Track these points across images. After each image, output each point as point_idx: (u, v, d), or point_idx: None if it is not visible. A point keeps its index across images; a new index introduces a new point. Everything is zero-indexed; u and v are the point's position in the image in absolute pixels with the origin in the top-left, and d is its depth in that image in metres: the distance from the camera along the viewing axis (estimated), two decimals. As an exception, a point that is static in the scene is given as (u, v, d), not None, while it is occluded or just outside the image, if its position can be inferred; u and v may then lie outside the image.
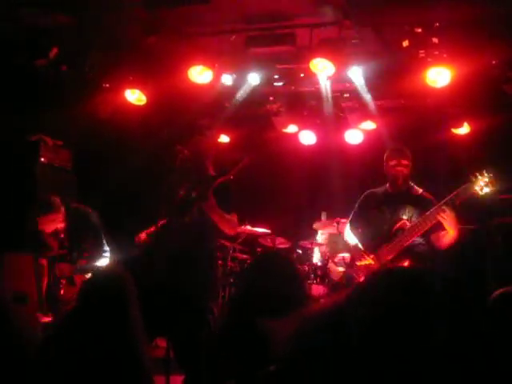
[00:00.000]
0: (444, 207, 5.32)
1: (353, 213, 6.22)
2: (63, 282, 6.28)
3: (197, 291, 5.53)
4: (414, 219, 5.64)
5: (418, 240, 5.61)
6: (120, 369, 2.64)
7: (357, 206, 6.20)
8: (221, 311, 7.57)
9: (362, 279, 5.71)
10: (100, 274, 3.11)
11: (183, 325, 5.37)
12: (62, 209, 6.40)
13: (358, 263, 5.80)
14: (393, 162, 5.83)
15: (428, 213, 5.45)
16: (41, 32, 7.24)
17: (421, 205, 5.70)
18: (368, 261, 5.73)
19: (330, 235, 8.58)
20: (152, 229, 5.77)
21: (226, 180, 5.67)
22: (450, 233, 5.38)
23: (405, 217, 5.70)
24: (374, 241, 5.79)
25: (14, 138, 7.63)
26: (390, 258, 5.60)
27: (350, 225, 6.17)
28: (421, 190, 5.87)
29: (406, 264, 5.57)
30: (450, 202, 5.35)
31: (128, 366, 2.67)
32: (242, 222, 8.06)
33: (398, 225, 5.67)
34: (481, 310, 1.26)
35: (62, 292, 6.25)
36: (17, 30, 7.12)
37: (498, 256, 7.10)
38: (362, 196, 6.18)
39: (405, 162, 5.80)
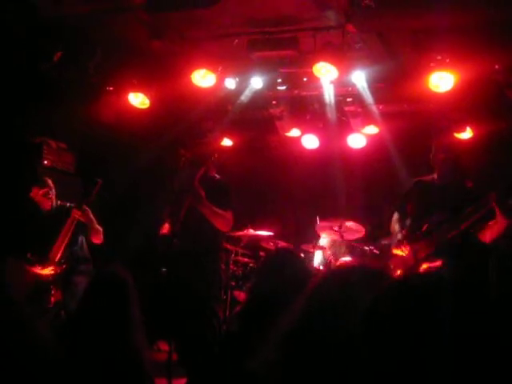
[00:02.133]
0: (504, 197, 5.11)
1: (399, 201, 6.12)
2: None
3: (202, 288, 5.55)
4: (457, 213, 5.45)
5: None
6: (120, 370, 2.65)
7: (404, 194, 6.13)
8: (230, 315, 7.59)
9: (394, 269, 5.66)
10: (101, 275, 3.12)
11: (188, 327, 5.40)
12: (54, 190, 6.51)
13: (394, 250, 5.73)
14: (440, 156, 5.77)
15: (479, 201, 5.28)
16: (45, 35, 7.26)
17: (468, 198, 5.52)
18: (404, 252, 5.63)
19: (333, 239, 8.58)
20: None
21: (218, 179, 5.71)
22: (499, 224, 5.18)
23: (448, 211, 5.55)
24: (415, 232, 5.68)
25: (18, 141, 7.64)
26: (424, 254, 5.50)
27: (398, 213, 6.05)
28: (471, 184, 5.76)
29: (437, 264, 5.44)
30: (506, 192, 5.14)
31: (128, 367, 2.68)
32: (244, 225, 8.07)
33: (440, 219, 5.55)
34: (486, 314, 1.28)
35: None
36: (22, 32, 7.14)
37: (501, 265, 7.08)
38: (411, 184, 6.07)
39: (451, 155, 5.75)
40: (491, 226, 5.28)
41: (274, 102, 8.50)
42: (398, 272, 5.70)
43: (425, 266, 5.48)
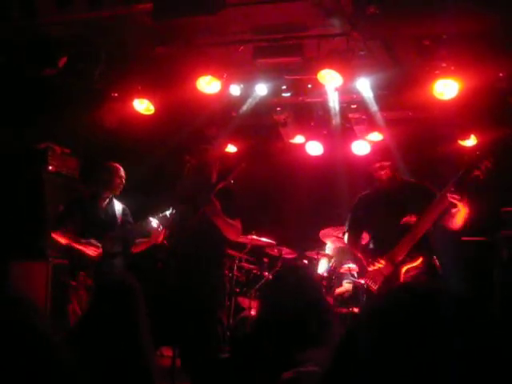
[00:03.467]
0: (453, 188, 5.20)
1: (349, 219, 6.11)
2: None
3: (207, 294, 5.56)
4: (418, 210, 5.51)
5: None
6: (127, 376, 2.66)
7: (352, 211, 6.12)
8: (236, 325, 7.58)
9: (376, 286, 5.66)
10: (109, 281, 3.13)
11: (191, 333, 5.40)
12: None
13: (371, 268, 5.64)
14: (376, 165, 5.80)
15: (437, 198, 5.38)
16: (50, 41, 7.29)
17: (419, 194, 5.64)
18: (380, 264, 5.57)
19: (337, 246, 8.57)
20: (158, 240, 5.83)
21: (226, 185, 5.71)
22: (462, 211, 5.27)
23: (408, 211, 5.59)
24: (381, 243, 5.68)
25: (23, 146, 7.66)
26: (401, 258, 5.49)
27: (350, 232, 6.04)
28: (412, 180, 5.87)
29: (419, 261, 5.47)
30: (458, 181, 5.22)
31: (135, 372, 2.68)
32: (248, 232, 8.07)
33: (402, 221, 5.58)
34: (489, 325, 1.26)
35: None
36: (26, 38, 7.17)
37: (505, 268, 7.08)
38: (356, 200, 6.13)
39: (384, 164, 5.76)
40: (455, 214, 5.34)
41: (278, 109, 8.51)
42: (377, 286, 5.64)
43: (405, 267, 5.49)
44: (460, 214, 5.32)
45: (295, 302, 2.98)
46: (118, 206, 6.81)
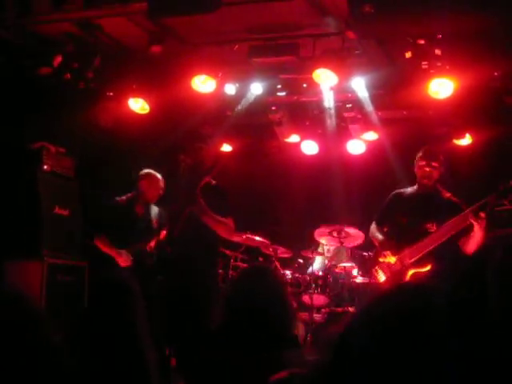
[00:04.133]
0: (478, 211, 5.28)
1: (379, 212, 6.18)
2: None
3: (200, 294, 5.55)
4: (440, 222, 5.57)
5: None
6: (126, 377, 2.65)
7: (384, 205, 6.16)
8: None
9: (383, 278, 5.74)
10: (106, 281, 3.11)
11: (185, 332, 5.39)
12: None
13: (381, 259, 5.80)
14: (422, 163, 5.81)
15: (460, 215, 5.43)
16: (45, 40, 7.27)
17: (448, 208, 5.67)
18: (391, 259, 5.70)
19: (333, 245, 8.57)
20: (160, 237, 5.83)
21: (215, 184, 5.70)
22: (477, 234, 5.32)
23: (431, 219, 5.65)
24: (399, 242, 5.76)
25: (17, 146, 7.64)
26: (412, 260, 5.58)
27: (376, 224, 6.12)
28: (449, 194, 5.84)
29: (428, 268, 5.53)
30: (484, 206, 5.32)
31: (134, 374, 2.68)
32: (243, 230, 8.06)
33: (424, 227, 5.64)
34: (484, 327, 1.26)
35: None
36: (21, 37, 7.15)
37: (499, 267, 7.09)
38: (390, 195, 6.14)
39: (435, 163, 5.77)
40: (471, 237, 5.41)
41: (273, 108, 8.50)
42: (384, 278, 5.75)
43: (412, 271, 5.56)
44: (474, 238, 5.37)
45: (257, 302, 3.00)
46: (154, 210, 6.96)
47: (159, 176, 6.91)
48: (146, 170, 6.98)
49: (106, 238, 6.65)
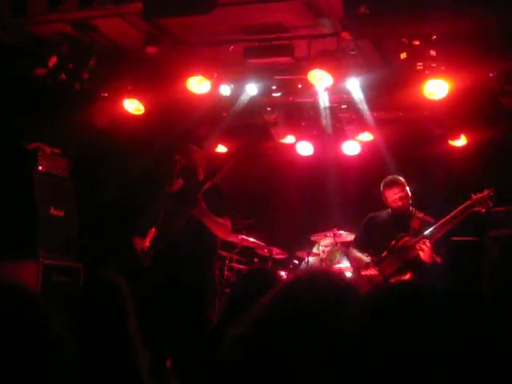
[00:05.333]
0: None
1: (357, 235, 6.55)
2: None
3: (196, 295, 5.55)
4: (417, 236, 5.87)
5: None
6: (117, 376, 2.65)
7: (361, 229, 6.45)
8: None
9: (364, 288, 5.81)
10: (95, 281, 3.11)
11: (181, 333, 5.39)
12: None
13: (363, 272, 6.00)
14: (391, 198, 6.09)
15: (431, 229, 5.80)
16: (40, 41, 7.26)
17: (423, 226, 5.96)
18: (372, 272, 5.94)
19: (327, 246, 8.56)
20: (152, 236, 5.79)
21: (212, 184, 5.69)
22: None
23: (408, 234, 5.96)
24: (379, 256, 6.03)
25: (12, 147, 7.62)
26: (391, 270, 5.77)
27: (355, 247, 6.42)
28: (422, 214, 6.15)
29: (407, 277, 5.69)
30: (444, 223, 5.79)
31: (125, 373, 2.67)
32: (239, 231, 8.06)
33: (401, 241, 5.91)
34: (479, 322, 1.26)
35: None
36: (17, 38, 7.14)
37: (494, 268, 7.10)
38: (366, 219, 6.41)
39: (402, 194, 6.06)
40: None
41: (268, 109, 8.50)
42: (363, 291, 5.82)
43: (394, 280, 5.74)
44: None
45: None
46: None
47: None
48: None
49: None
